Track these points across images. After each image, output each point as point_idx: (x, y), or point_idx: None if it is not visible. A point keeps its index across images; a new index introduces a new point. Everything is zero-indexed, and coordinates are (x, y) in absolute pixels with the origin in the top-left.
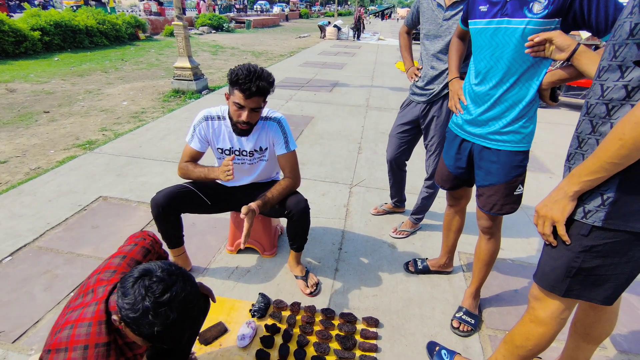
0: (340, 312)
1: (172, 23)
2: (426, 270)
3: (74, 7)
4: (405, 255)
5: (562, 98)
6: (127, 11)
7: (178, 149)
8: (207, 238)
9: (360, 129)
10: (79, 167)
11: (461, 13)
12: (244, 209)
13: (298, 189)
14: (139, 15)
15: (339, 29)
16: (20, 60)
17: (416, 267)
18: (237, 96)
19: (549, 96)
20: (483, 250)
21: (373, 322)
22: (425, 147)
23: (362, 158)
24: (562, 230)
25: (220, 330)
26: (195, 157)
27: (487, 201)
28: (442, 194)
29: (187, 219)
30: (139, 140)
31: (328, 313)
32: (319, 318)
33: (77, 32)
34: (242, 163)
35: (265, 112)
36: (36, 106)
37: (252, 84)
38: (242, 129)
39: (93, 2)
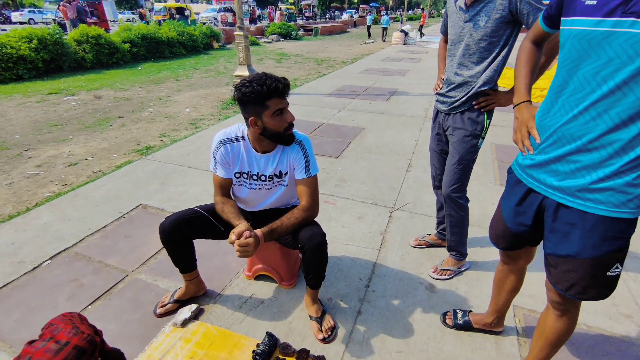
0: None
1: (234, 33)
2: (467, 327)
3: (160, 21)
4: (445, 302)
5: None
6: (206, 22)
7: None
8: (228, 259)
9: (413, 142)
10: (130, 173)
11: (482, 14)
12: (233, 234)
13: (316, 219)
14: (216, 26)
15: (406, 33)
16: (112, 70)
17: (455, 321)
18: (276, 102)
19: None
20: (550, 327)
21: None
22: (449, 155)
23: (410, 177)
24: None
25: None
26: (225, 185)
27: (561, 277)
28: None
29: None
30: (189, 148)
31: None
32: None
33: (159, 43)
34: (259, 188)
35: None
36: (114, 112)
37: (279, 82)
38: (290, 134)
39: (177, 16)
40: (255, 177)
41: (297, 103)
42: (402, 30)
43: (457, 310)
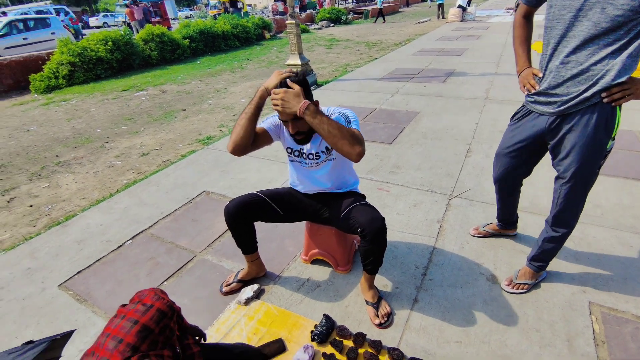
0: (411, 356)
1: (286, 22)
2: None
3: (215, 16)
4: (509, 294)
5: None
6: (258, 13)
7: (276, 147)
8: (286, 243)
9: (472, 126)
10: (194, 162)
11: None
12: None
13: (377, 208)
14: (268, 16)
15: (464, 9)
16: (174, 65)
17: None
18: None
19: None
20: None
21: None
22: (555, 169)
23: (469, 163)
24: None
25: (279, 348)
26: (258, 132)
27: None
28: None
29: None
30: None
31: (395, 355)
32: (383, 358)
33: (215, 37)
34: (309, 167)
35: (329, 111)
36: (177, 105)
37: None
38: (299, 140)
39: (231, 9)
40: (304, 156)
41: (348, 89)
42: (459, 6)
43: None
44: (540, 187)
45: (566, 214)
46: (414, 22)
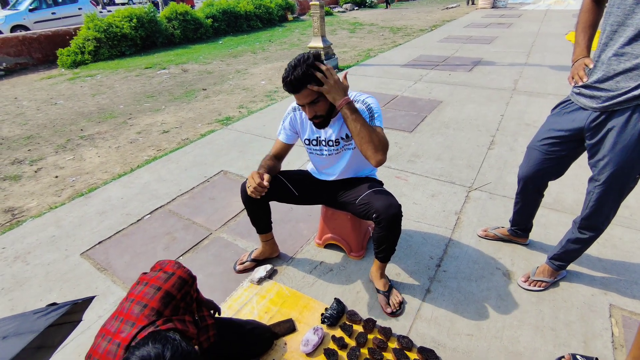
0: (421, 346)
1: (310, 3)
2: None
3: None
4: (525, 292)
5: None
6: None
7: None
8: (300, 226)
9: (498, 118)
10: (212, 142)
11: None
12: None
13: (392, 193)
14: None
15: None
16: (196, 45)
17: None
18: (296, 96)
19: None
20: None
21: None
22: (590, 169)
23: (492, 155)
24: None
25: (290, 327)
26: (281, 150)
27: None
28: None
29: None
30: (265, 119)
31: (405, 343)
32: (392, 345)
33: (238, 17)
34: (329, 154)
35: (352, 95)
36: (198, 84)
37: (288, 78)
38: (317, 123)
39: None
40: (323, 143)
41: (371, 74)
42: None
43: (578, 357)
44: (566, 184)
45: (596, 218)
46: (441, 7)
